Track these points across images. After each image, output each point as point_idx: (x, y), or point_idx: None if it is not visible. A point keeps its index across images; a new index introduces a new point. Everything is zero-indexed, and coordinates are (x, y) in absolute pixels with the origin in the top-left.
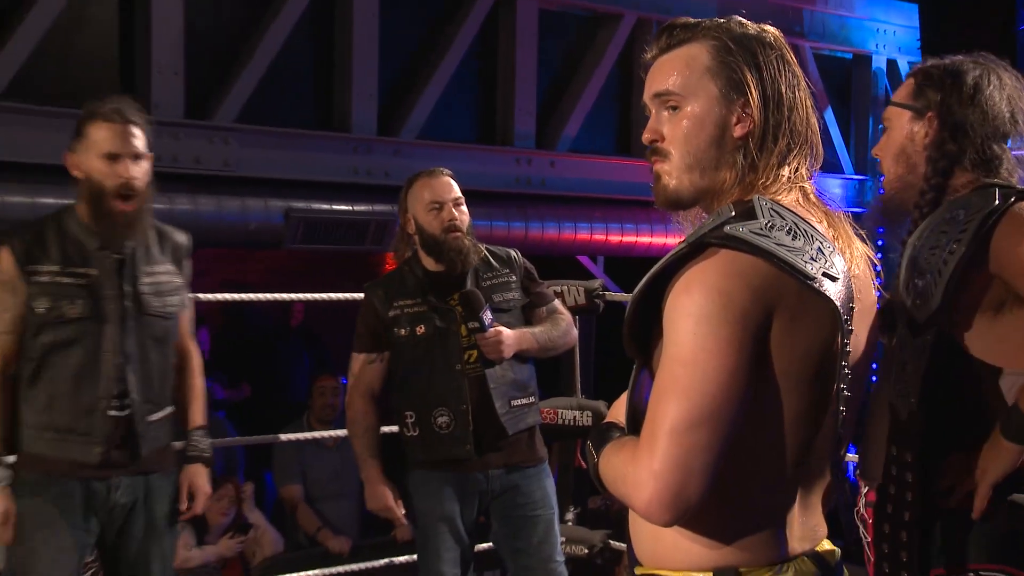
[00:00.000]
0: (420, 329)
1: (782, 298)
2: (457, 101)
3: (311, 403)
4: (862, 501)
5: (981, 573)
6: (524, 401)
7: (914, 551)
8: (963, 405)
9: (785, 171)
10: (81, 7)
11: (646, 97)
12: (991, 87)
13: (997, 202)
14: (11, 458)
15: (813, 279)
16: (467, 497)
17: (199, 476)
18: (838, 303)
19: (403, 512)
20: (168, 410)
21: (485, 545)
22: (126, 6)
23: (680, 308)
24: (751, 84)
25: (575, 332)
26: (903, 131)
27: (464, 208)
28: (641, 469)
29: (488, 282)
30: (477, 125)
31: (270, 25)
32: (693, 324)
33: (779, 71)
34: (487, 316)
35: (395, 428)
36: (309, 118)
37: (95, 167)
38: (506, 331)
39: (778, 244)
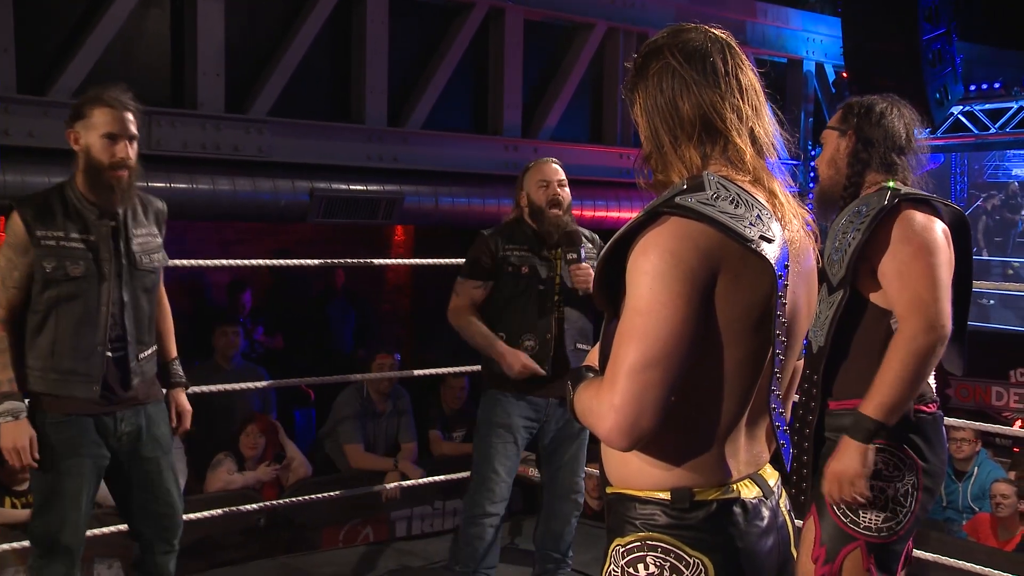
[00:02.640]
0: (524, 269)
1: (725, 258)
2: (455, 96)
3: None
4: None
5: (879, 446)
6: (585, 347)
7: (812, 446)
8: (861, 336)
9: (693, 157)
10: (139, 22)
11: None
12: (892, 115)
13: (886, 202)
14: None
15: (751, 241)
16: (529, 418)
17: (182, 397)
18: (773, 262)
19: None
20: (153, 348)
21: None
22: (176, 21)
23: (638, 267)
24: (637, 93)
25: None
26: (833, 145)
27: (566, 188)
28: (603, 403)
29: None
30: (472, 117)
31: (296, 33)
32: (649, 280)
33: (663, 78)
34: (583, 251)
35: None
36: (329, 111)
37: (95, 144)
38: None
39: (721, 212)
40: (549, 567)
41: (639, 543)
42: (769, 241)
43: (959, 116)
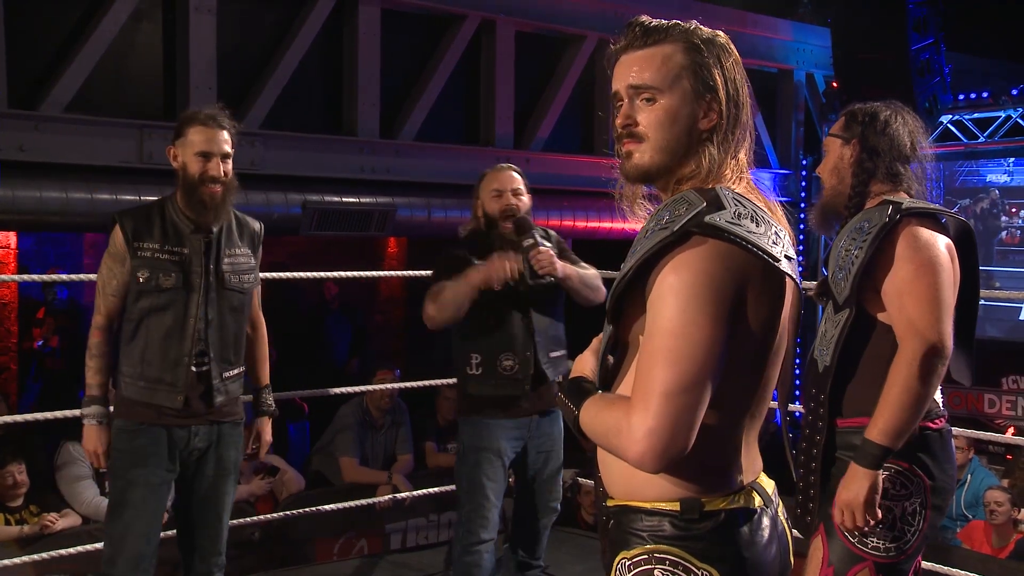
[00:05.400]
0: (496, 286)
1: (751, 277)
2: (447, 108)
3: (369, 392)
4: None
5: (885, 465)
6: (558, 353)
7: (821, 464)
8: (870, 353)
9: (734, 161)
10: (131, 35)
11: (619, 87)
12: (897, 123)
13: (887, 218)
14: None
15: (778, 260)
16: (515, 439)
17: (266, 426)
18: (795, 278)
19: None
20: (240, 368)
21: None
22: (168, 35)
23: (669, 287)
24: (719, 83)
25: (603, 288)
26: (836, 154)
27: (523, 197)
28: (636, 426)
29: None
30: (464, 128)
31: (288, 46)
32: (683, 301)
33: (735, 71)
34: (539, 236)
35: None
36: (322, 124)
37: (191, 162)
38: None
39: (748, 232)
40: (530, 574)
41: (646, 556)
42: (789, 259)
43: (948, 125)
